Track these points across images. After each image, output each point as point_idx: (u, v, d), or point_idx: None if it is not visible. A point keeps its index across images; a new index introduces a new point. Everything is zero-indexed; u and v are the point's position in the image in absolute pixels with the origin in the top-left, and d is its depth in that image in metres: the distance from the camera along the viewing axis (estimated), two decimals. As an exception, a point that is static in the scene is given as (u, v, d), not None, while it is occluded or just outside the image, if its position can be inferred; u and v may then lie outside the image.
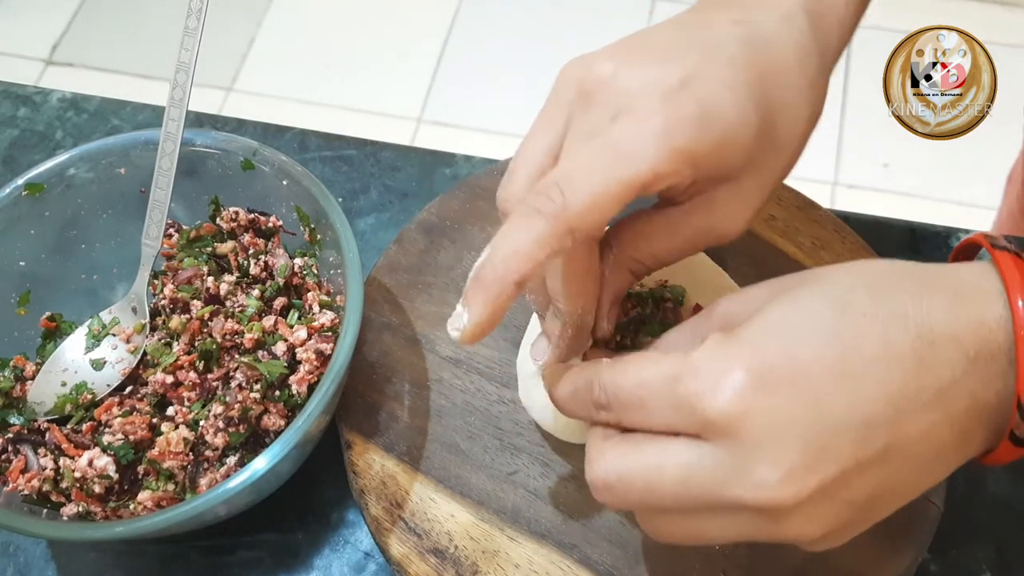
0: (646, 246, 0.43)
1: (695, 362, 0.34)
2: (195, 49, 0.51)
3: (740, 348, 0.34)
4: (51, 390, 0.51)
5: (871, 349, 0.33)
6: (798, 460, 0.32)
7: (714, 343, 0.34)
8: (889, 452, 0.33)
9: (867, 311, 0.34)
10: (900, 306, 0.34)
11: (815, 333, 0.34)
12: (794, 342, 0.33)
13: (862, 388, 0.33)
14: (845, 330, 0.33)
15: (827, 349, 0.33)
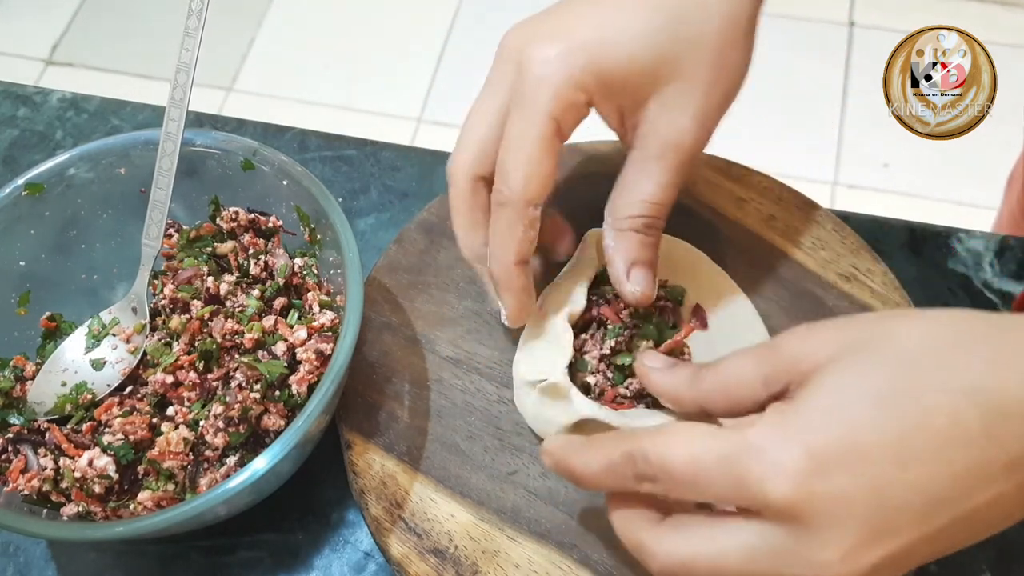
0: (631, 197, 0.45)
1: (753, 441, 0.33)
2: (195, 49, 0.51)
3: (800, 429, 0.33)
4: (51, 390, 0.51)
5: (937, 429, 0.32)
6: (859, 541, 0.32)
7: (772, 421, 0.34)
8: (955, 523, 0.33)
9: (936, 382, 0.33)
10: (972, 375, 0.33)
11: (878, 413, 0.33)
12: (856, 421, 0.33)
13: (926, 469, 0.32)
14: (910, 408, 0.33)
15: (890, 431, 0.32)
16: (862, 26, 1.79)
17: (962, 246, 0.60)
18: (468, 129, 0.47)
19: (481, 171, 0.46)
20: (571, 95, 0.42)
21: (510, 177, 0.43)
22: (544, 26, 0.44)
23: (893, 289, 0.55)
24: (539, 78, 0.42)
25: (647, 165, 0.44)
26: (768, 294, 0.55)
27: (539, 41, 0.43)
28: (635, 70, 0.42)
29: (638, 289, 0.46)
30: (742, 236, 0.57)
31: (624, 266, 0.46)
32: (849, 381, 0.34)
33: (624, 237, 0.45)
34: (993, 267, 0.59)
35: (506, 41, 0.45)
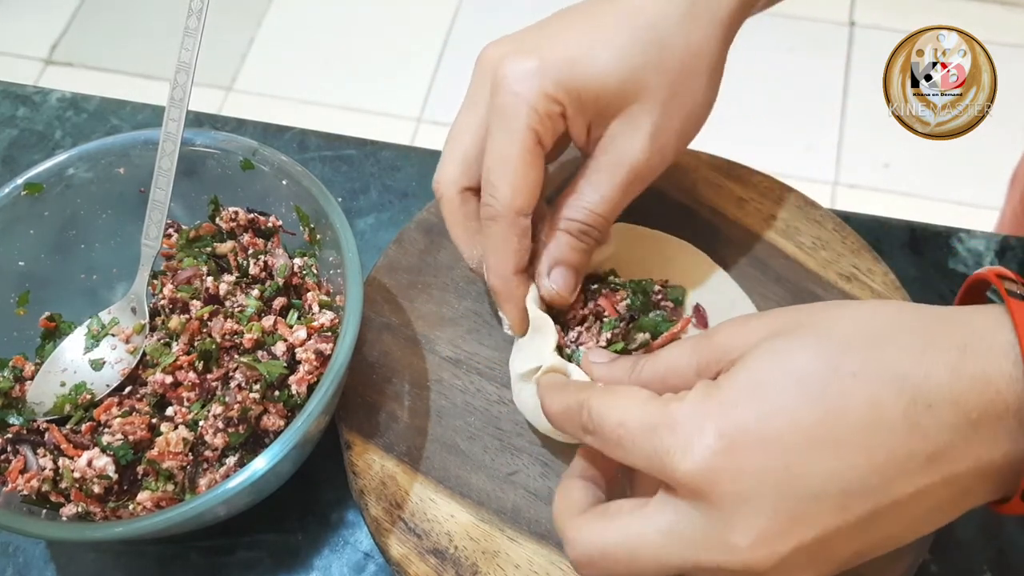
0: (575, 201, 0.46)
1: (674, 416, 0.34)
2: (195, 49, 0.50)
3: (718, 407, 0.34)
4: (50, 390, 0.51)
5: (857, 415, 0.32)
6: (769, 525, 0.32)
7: (694, 398, 0.35)
8: (876, 516, 0.32)
9: (859, 371, 0.33)
10: (897, 366, 0.32)
11: (797, 395, 0.33)
12: (773, 404, 0.33)
13: (843, 456, 0.32)
14: (831, 393, 0.32)
15: (807, 414, 0.32)
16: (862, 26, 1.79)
17: (963, 246, 0.60)
18: (451, 143, 0.48)
19: (467, 183, 0.48)
20: (546, 107, 0.44)
21: (497, 191, 0.44)
22: (520, 44, 0.46)
23: (894, 289, 0.54)
24: (515, 92, 0.44)
25: (596, 175, 0.46)
26: (768, 294, 0.55)
27: (515, 57, 0.44)
28: (605, 88, 0.44)
29: (554, 287, 0.47)
30: (742, 236, 0.57)
31: (548, 263, 0.47)
32: (772, 363, 0.34)
33: (557, 236, 0.47)
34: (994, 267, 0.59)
35: (483, 57, 0.47)
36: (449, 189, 0.48)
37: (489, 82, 0.45)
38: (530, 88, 0.43)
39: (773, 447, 0.32)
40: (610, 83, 0.44)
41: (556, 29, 0.46)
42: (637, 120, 0.45)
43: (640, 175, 0.46)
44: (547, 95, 0.43)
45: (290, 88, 1.79)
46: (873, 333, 0.34)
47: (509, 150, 0.44)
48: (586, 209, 0.46)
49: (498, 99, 0.44)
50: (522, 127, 0.44)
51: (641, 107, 0.44)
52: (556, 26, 0.46)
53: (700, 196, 0.58)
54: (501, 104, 0.44)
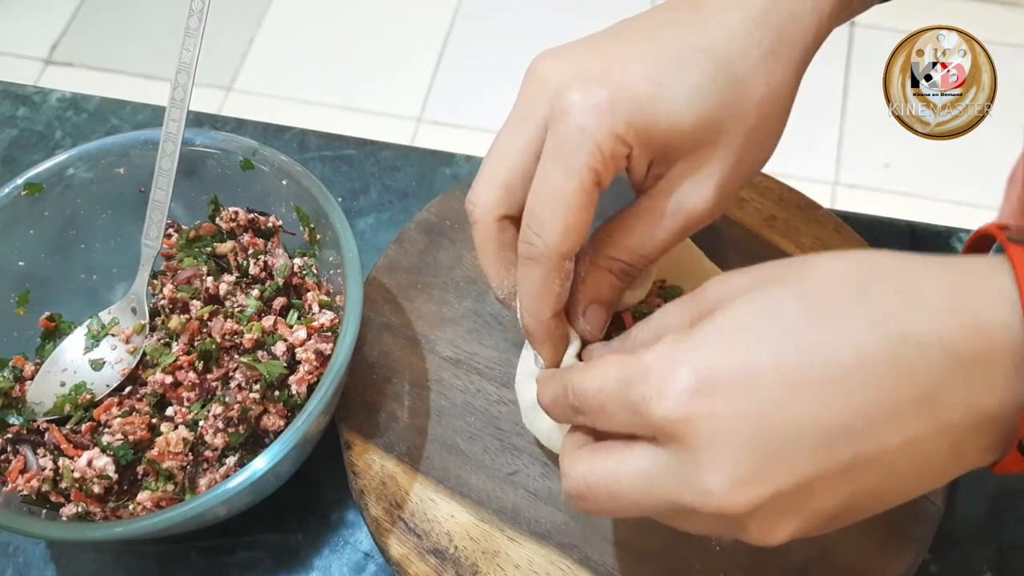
0: (623, 241, 0.43)
1: (646, 364, 0.33)
2: (196, 49, 0.50)
3: (692, 350, 0.33)
4: (50, 390, 0.51)
5: (840, 358, 0.31)
6: (744, 469, 0.31)
7: (668, 343, 0.34)
8: (861, 464, 0.31)
9: (844, 314, 0.31)
10: (884, 307, 0.31)
11: (778, 337, 0.32)
12: (750, 347, 0.32)
13: (824, 399, 0.31)
14: (812, 336, 0.31)
15: (787, 356, 0.31)
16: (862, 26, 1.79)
17: (962, 245, 0.60)
18: (492, 163, 0.43)
19: (507, 210, 0.43)
20: (613, 147, 0.40)
21: (544, 230, 0.40)
22: (584, 66, 0.41)
23: (893, 289, 0.54)
24: (582, 128, 0.39)
25: (653, 218, 0.42)
26: (768, 294, 0.55)
27: (581, 84, 0.40)
28: (678, 129, 0.40)
29: (588, 327, 0.45)
30: (742, 236, 0.57)
31: (585, 301, 0.45)
32: (754, 308, 0.33)
33: (599, 275, 0.44)
34: (993, 267, 0.59)
35: (539, 73, 0.42)
36: (487, 215, 0.43)
37: (545, 102, 0.41)
38: (599, 126, 0.39)
39: (750, 390, 0.31)
40: (684, 125, 0.40)
41: (622, 52, 0.41)
42: (707, 167, 0.41)
43: (698, 223, 0.43)
44: (616, 135, 0.39)
45: (290, 88, 1.79)
46: (860, 277, 0.33)
47: (565, 188, 0.40)
48: (635, 252, 0.43)
49: (561, 130, 0.40)
50: (583, 166, 0.39)
51: (714, 152, 0.41)
52: (621, 48, 0.42)
53: (700, 196, 0.58)
54: (564, 136, 0.40)
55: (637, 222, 0.43)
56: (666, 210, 0.42)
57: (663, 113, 0.40)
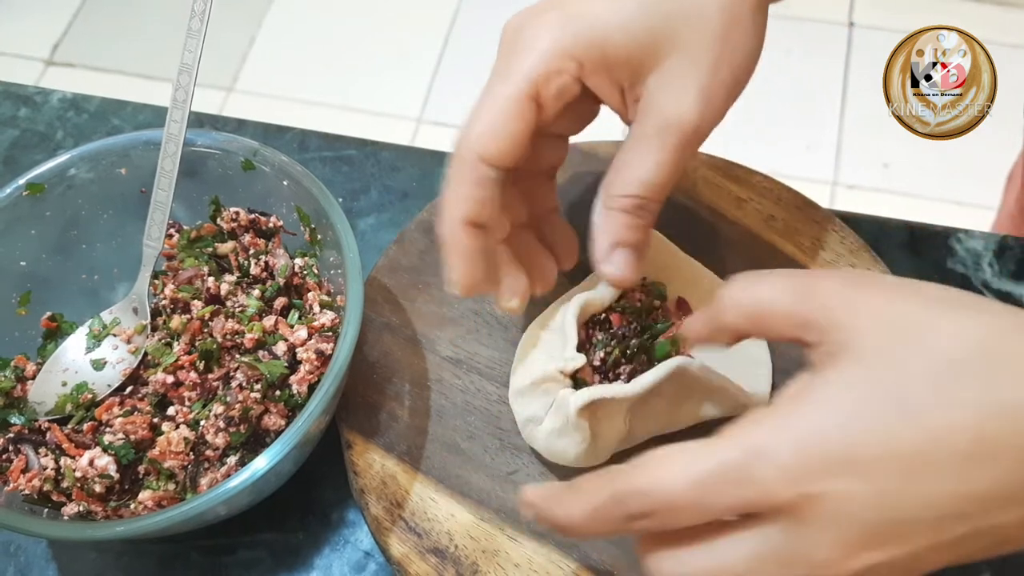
0: (624, 174, 0.43)
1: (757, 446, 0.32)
2: (198, 50, 0.51)
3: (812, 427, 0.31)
4: (52, 390, 0.51)
5: (963, 443, 0.30)
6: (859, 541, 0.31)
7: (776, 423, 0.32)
8: (974, 536, 0.31)
9: (968, 400, 0.31)
10: (1008, 395, 0.31)
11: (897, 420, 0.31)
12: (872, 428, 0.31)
13: (941, 485, 0.31)
14: (934, 421, 0.31)
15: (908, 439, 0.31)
16: (862, 26, 1.79)
17: (961, 246, 0.60)
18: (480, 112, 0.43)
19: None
20: (557, 62, 0.40)
21: (470, 129, 0.41)
22: (541, 4, 0.43)
23: (893, 289, 0.54)
24: (527, 43, 0.41)
25: (645, 142, 0.42)
26: (768, 294, 0.55)
27: (535, 14, 0.42)
28: (632, 41, 0.40)
29: (617, 271, 0.44)
30: (742, 236, 0.57)
31: (608, 246, 0.43)
32: (876, 379, 0.32)
33: (612, 216, 0.43)
34: (992, 267, 0.59)
35: (509, 22, 0.44)
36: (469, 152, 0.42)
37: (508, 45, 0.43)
38: (544, 38, 0.40)
39: (869, 470, 0.31)
40: (640, 33, 0.40)
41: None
42: (679, 75, 0.41)
43: (694, 134, 0.42)
44: (562, 50, 0.40)
45: (291, 88, 1.79)
46: (985, 353, 0.32)
47: (498, 91, 0.41)
48: (639, 181, 0.42)
49: (509, 48, 0.42)
50: (521, 75, 0.40)
51: (680, 61, 0.41)
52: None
53: (699, 196, 0.58)
54: (508, 53, 0.41)
55: (632, 152, 0.43)
56: (652, 129, 0.42)
57: (617, 26, 0.40)
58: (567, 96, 0.42)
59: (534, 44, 0.41)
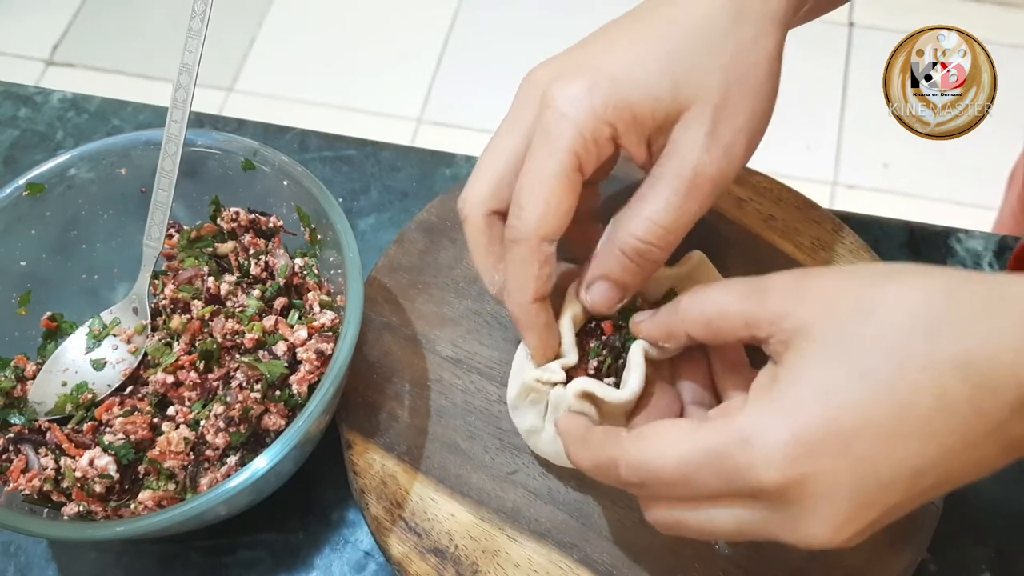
0: (636, 212, 0.43)
1: (742, 431, 0.35)
2: (198, 51, 0.51)
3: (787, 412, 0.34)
4: (52, 390, 0.51)
5: (926, 405, 0.33)
6: (847, 513, 0.34)
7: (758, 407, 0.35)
8: (935, 485, 0.34)
9: (924, 363, 0.33)
10: (960, 352, 0.33)
11: (866, 392, 0.34)
12: (843, 402, 0.34)
13: (913, 445, 0.33)
14: (899, 388, 0.33)
15: (878, 410, 0.33)
16: (862, 26, 1.79)
17: (961, 246, 0.60)
18: (485, 162, 0.45)
19: (496, 205, 0.45)
20: (595, 129, 0.41)
21: (524, 212, 0.42)
22: (568, 63, 0.44)
23: (893, 289, 0.54)
24: (562, 113, 0.41)
25: (658, 183, 0.43)
26: (768, 294, 0.55)
27: (563, 78, 0.42)
28: (658, 99, 0.42)
29: (592, 302, 0.45)
30: (742, 236, 0.57)
31: (592, 276, 0.45)
32: (835, 357, 0.35)
33: (609, 252, 0.44)
34: (992, 267, 0.59)
35: (530, 77, 0.45)
36: (476, 210, 0.45)
37: (535, 103, 0.43)
38: (579, 110, 0.41)
39: (847, 444, 0.33)
40: (662, 93, 0.42)
41: (602, 47, 0.44)
42: (697, 122, 0.42)
43: (706, 178, 0.42)
44: (597, 116, 0.41)
45: (291, 88, 1.79)
46: (936, 315, 0.34)
47: (545, 172, 0.42)
48: (646, 219, 0.42)
49: (544, 119, 0.42)
50: (565, 148, 0.41)
51: (699, 108, 0.42)
52: (601, 43, 0.44)
53: (700, 196, 0.58)
54: (546, 124, 0.42)
55: (647, 190, 0.43)
56: (669, 172, 0.43)
57: (641, 86, 0.42)
58: (604, 157, 0.43)
59: (568, 113, 0.41)
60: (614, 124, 0.42)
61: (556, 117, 0.42)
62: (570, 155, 0.41)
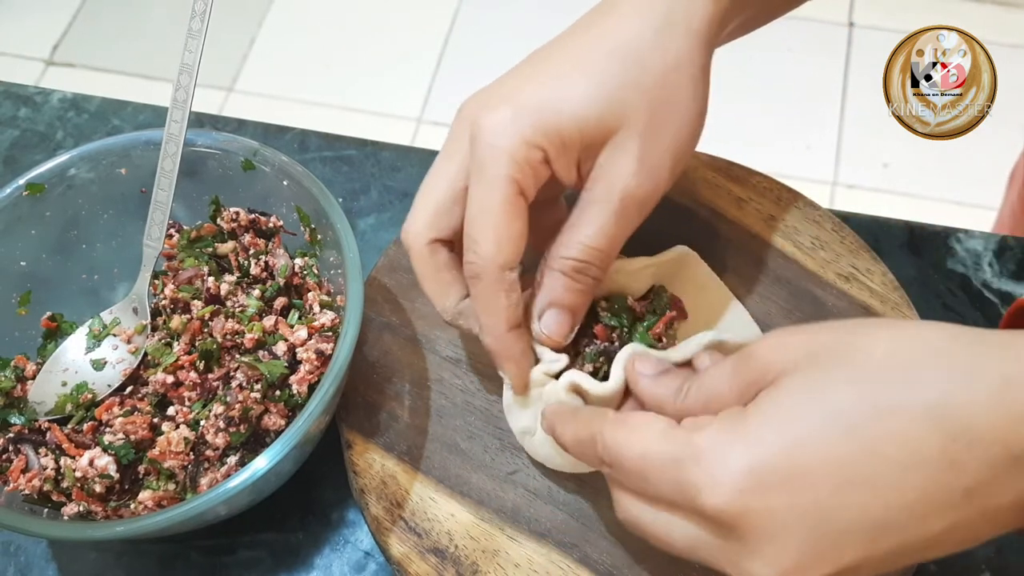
0: (570, 237, 0.44)
1: (700, 448, 0.34)
2: (199, 51, 0.51)
3: (745, 441, 0.33)
4: (52, 390, 0.51)
5: (892, 451, 0.31)
6: (793, 561, 0.32)
7: (721, 427, 0.34)
8: (905, 548, 0.32)
9: (896, 406, 0.32)
10: (935, 399, 0.31)
11: (828, 430, 0.32)
12: (804, 439, 0.32)
13: (875, 493, 0.32)
14: (864, 430, 0.32)
15: (839, 450, 0.32)
16: (862, 26, 1.79)
17: (961, 246, 0.60)
18: (423, 194, 0.46)
19: (437, 234, 0.46)
20: (526, 154, 0.42)
21: (479, 246, 0.42)
22: (494, 93, 0.44)
23: (892, 289, 0.55)
24: (491, 144, 0.42)
25: (590, 208, 0.43)
26: (767, 294, 0.55)
27: (488, 107, 0.43)
28: (585, 120, 0.42)
29: (544, 331, 0.45)
30: (742, 236, 0.57)
31: (541, 306, 0.45)
32: (805, 394, 0.34)
33: (552, 277, 0.44)
34: (992, 267, 0.59)
35: (461, 111, 0.45)
36: (417, 240, 0.46)
37: (465, 136, 0.44)
38: (507, 137, 0.42)
39: (802, 484, 0.32)
40: (590, 115, 0.42)
41: (532, 71, 0.44)
42: (623, 145, 0.43)
43: (634, 200, 0.43)
44: (526, 142, 0.42)
45: (291, 88, 1.79)
46: (911, 362, 0.33)
47: (489, 203, 0.42)
48: (581, 244, 0.43)
49: (476, 153, 0.43)
50: (501, 177, 0.42)
51: (626, 132, 0.42)
52: (532, 67, 0.45)
53: (699, 196, 0.58)
54: (480, 158, 0.42)
55: (579, 216, 0.44)
56: (598, 196, 0.43)
57: (567, 108, 0.42)
58: (542, 179, 0.44)
59: (498, 142, 0.42)
60: (544, 148, 0.42)
61: (487, 148, 0.42)
62: (508, 182, 0.42)
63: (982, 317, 0.57)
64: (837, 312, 0.54)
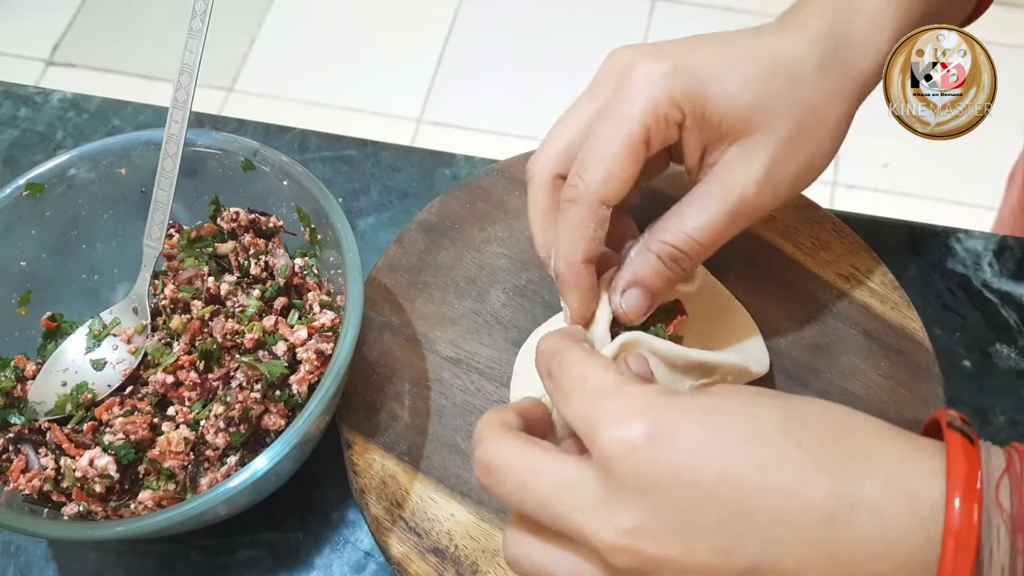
0: (675, 223, 0.44)
1: (625, 392, 0.34)
2: (199, 51, 0.51)
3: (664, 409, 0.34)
4: (52, 390, 0.51)
5: (782, 483, 0.32)
6: (651, 524, 0.32)
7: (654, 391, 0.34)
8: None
9: (804, 445, 0.33)
10: (839, 456, 0.33)
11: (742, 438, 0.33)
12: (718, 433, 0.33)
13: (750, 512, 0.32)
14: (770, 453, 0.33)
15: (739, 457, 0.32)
16: (862, 26, 1.79)
17: (961, 246, 0.60)
18: (557, 130, 0.46)
19: (563, 170, 0.45)
20: (667, 110, 0.42)
21: (587, 172, 0.42)
22: (656, 48, 0.44)
23: (892, 289, 0.55)
24: (640, 87, 0.42)
25: (704, 201, 0.44)
26: (768, 294, 0.55)
27: (648, 58, 0.43)
28: (731, 109, 0.43)
29: (623, 307, 0.45)
30: (742, 236, 0.56)
31: (627, 281, 0.45)
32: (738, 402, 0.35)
33: (645, 256, 0.44)
34: (992, 267, 0.59)
35: (613, 56, 0.45)
36: (541, 172, 0.46)
37: (613, 78, 0.44)
38: (657, 87, 0.42)
39: (696, 468, 0.32)
40: (737, 105, 0.42)
41: (693, 44, 0.45)
42: (756, 150, 0.43)
43: (749, 207, 0.44)
44: (672, 99, 0.42)
45: (291, 89, 1.79)
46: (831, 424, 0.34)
47: (613, 137, 0.42)
48: (684, 233, 0.44)
49: (620, 92, 0.43)
50: (635, 119, 0.42)
51: (764, 137, 0.43)
52: (700, 42, 0.45)
53: (700, 196, 0.58)
54: (622, 96, 0.42)
55: (689, 205, 0.44)
56: (716, 191, 0.44)
57: (720, 92, 0.42)
58: (668, 143, 0.44)
59: (647, 88, 0.42)
60: (685, 113, 0.42)
61: (633, 89, 0.42)
62: (641, 126, 0.42)
63: (982, 317, 0.57)
64: (837, 312, 0.54)
